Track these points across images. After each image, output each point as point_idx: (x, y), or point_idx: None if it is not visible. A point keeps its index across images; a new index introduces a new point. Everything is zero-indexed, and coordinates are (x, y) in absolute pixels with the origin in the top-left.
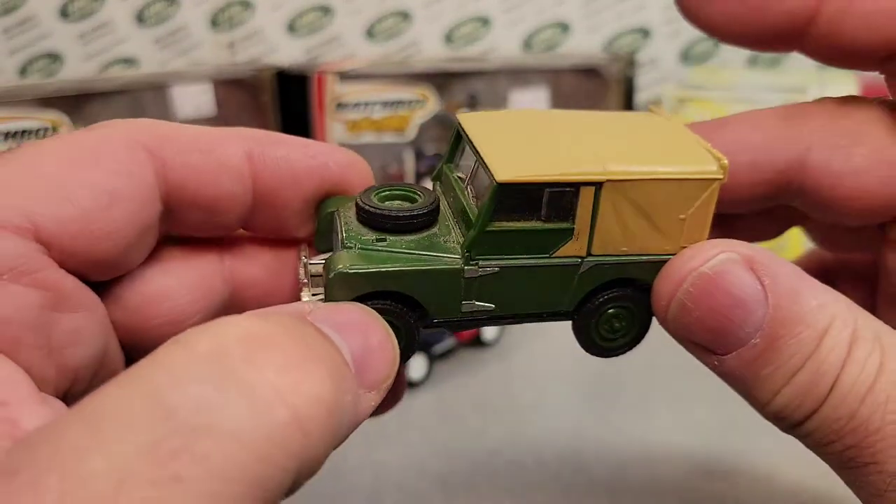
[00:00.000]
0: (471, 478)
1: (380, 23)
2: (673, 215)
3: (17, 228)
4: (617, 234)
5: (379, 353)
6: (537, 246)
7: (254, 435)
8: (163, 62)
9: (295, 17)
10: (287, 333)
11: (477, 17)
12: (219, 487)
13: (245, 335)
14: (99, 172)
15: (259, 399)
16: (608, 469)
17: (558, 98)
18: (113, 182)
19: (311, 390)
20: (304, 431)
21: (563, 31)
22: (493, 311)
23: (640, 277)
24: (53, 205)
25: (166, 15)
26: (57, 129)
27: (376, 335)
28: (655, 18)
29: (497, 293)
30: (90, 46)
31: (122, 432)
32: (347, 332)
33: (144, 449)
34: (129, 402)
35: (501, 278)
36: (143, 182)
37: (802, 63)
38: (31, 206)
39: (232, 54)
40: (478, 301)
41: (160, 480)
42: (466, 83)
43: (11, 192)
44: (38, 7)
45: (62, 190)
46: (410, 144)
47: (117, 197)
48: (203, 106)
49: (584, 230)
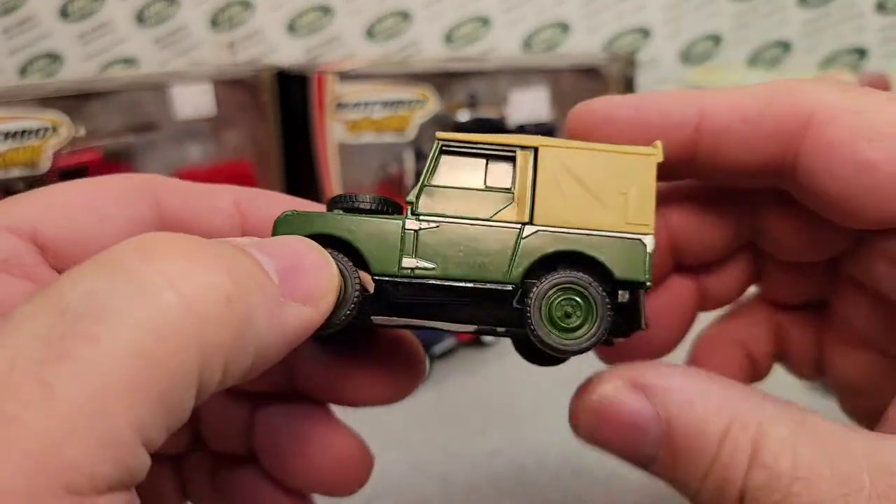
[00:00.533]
0: (471, 478)
1: (380, 23)
2: (613, 189)
3: (16, 229)
4: (559, 204)
5: (313, 270)
6: (479, 208)
7: (139, 315)
8: (163, 62)
9: (295, 17)
10: (191, 241)
11: (477, 17)
12: (108, 365)
13: (144, 240)
14: (96, 197)
15: (146, 285)
16: (608, 470)
17: (558, 98)
18: (109, 206)
19: (203, 278)
20: (195, 314)
21: (563, 31)
22: (434, 272)
23: (587, 252)
24: (52, 215)
25: (166, 15)
26: (57, 129)
27: (309, 257)
28: (655, 18)
29: (436, 250)
30: (90, 46)
31: (19, 326)
32: (273, 251)
33: (37, 336)
34: (31, 306)
35: (442, 235)
36: (136, 210)
37: (802, 63)
38: (32, 215)
39: (232, 54)
40: (420, 259)
41: (48, 360)
42: (466, 83)
43: (18, 205)
44: (39, 7)
45: (62, 207)
46: (410, 144)
47: (111, 216)
48: (203, 106)
49: (523, 196)
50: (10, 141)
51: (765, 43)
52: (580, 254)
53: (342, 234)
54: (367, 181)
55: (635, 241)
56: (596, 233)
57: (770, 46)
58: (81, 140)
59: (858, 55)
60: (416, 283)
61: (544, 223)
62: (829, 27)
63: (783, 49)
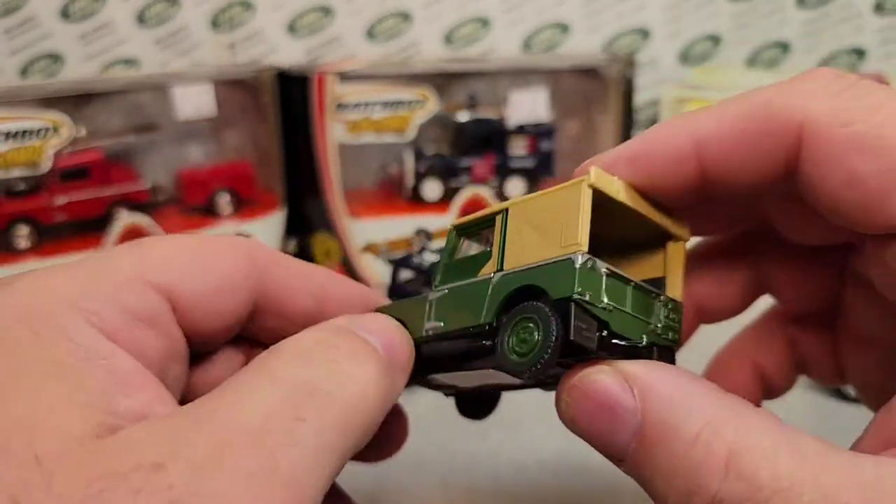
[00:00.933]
0: (471, 478)
1: (380, 23)
2: (555, 222)
3: (157, 286)
4: (519, 248)
5: (399, 346)
6: (471, 271)
7: (341, 396)
8: (163, 63)
9: (295, 18)
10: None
11: (477, 18)
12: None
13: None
14: (222, 264)
15: (342, 377)
16: (608, 469)
17: (558, 98)
18: (237, 277)
19: (369, 374)
20: (367, 400)
21: (563, 31)
22: (442, 328)
23: (533, 282)
24: (186, 277)
25: (167, 16)
26: (58, 130)
27: (395, 334)
28: (655, 19)
29: (444, 311)
30: (91, 47)
31: (261, 393)
32: (376, 333)
33: (279, 400)
34: (255, 378)
35: (447, 298)
36: (254, 283)
37: (802, 63)
38: (171, 274)
39: (232, 55)
40: (434, 321)
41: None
42: (466, 84)
43: (153, 257)
44: (39, 8)
45: (194, 269)
46: (410, 144)
47: (237, 289)
48: (203, 106)
49: (496, 251)
50: (11, 141)
51: (764, 43)
52: (531, 286)
53: (395, 314)
54: (367, 181)
55: (566, 261)
56: (542, 263)
57: (769, 47)
58: (82, 140)
59: (857, 56)
60: (433, 341)
61: (510, 268)
62: (828, 28)
63: (782, 49)
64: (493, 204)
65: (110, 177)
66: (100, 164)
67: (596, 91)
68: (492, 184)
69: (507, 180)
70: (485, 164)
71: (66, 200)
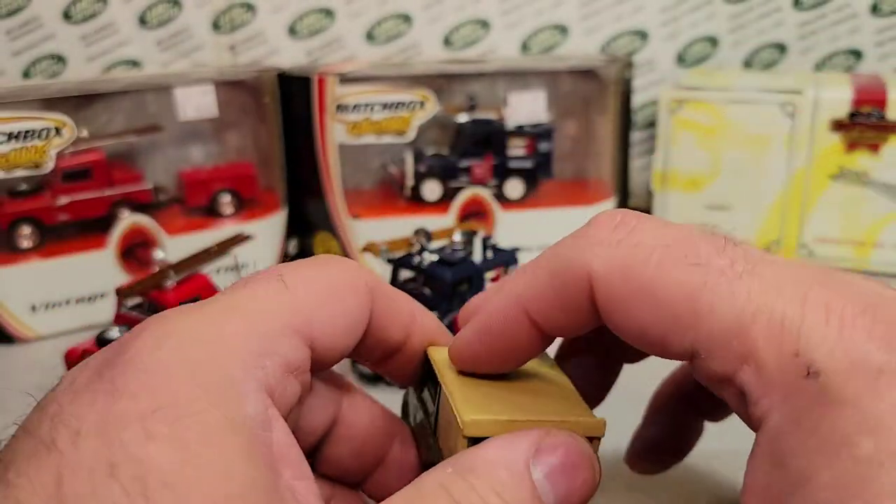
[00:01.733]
0: None
1: (380, 25)
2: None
3: (304, 337)
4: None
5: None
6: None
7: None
8: (165, 64)
9: (296, 20)
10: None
11: (476, 20)
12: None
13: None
14: (349, 304)
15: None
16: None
17: (556, 100)
18: (356, 315)
19: None
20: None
21: (562, 33)
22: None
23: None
24: (326, 327)
25: (168, 17)
26: (60, 130)
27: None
28: (652, 21)
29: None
30: (93, 48)
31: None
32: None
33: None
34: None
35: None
36: (365, 319)
37: (798, 65)
38: (313, 323)
39: (233, 56)
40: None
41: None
42: (465, 85)
43: (301, 304)
44: (42, 9)
45: (330, 313)
46: (410, 145)
47: (354, 329)
48: (205, 107)
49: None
50: (14, 142)
51: (761, 45)
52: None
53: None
54: (367, 182)
55: None
56: None
57: (766, 48)
58: (84, 141)
59: (854, 57)
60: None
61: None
62: (825, 29)
63: (779, 51)
64: (493, 204)
65: (112, 177)
66: (102, 165)
67: (594, 92)
68: (491, 184)
69: (507, 181)
70: (484, 165)
71: (69, 201)
